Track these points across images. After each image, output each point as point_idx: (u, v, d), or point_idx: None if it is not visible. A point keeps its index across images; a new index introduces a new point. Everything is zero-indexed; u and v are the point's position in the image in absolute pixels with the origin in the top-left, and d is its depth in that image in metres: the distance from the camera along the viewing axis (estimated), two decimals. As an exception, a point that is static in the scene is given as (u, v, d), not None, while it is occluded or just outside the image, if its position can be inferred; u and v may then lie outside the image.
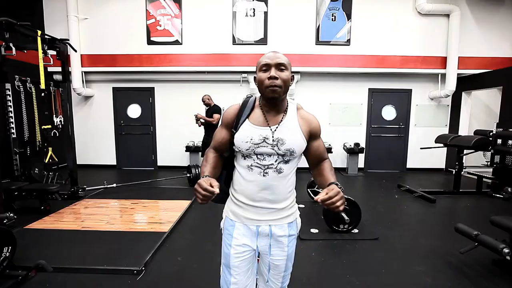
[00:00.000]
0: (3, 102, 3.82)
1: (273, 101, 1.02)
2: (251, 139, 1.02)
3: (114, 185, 4.33)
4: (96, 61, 5.74)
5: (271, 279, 1.15)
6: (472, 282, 2.02)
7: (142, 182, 4.70)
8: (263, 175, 1.03)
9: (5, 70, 3.80)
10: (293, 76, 1.04)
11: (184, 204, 3.63)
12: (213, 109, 4.60)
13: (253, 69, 6.37)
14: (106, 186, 4.25)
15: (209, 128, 4.61)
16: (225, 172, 1.16)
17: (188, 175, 4.73)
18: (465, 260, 2.30)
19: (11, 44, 2.93)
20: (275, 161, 1.03)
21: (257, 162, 1.03)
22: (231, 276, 1.10)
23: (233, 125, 1.07)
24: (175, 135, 6.00)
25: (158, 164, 6.21)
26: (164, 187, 4.71)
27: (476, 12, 5.56)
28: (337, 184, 0.98)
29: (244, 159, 1.05)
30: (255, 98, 1.11)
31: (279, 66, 0.99)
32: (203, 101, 4.66)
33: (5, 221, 2.70)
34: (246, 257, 1.11)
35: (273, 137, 1.01)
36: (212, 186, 0.92)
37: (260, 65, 1.01)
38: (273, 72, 0.97)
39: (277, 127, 1.03)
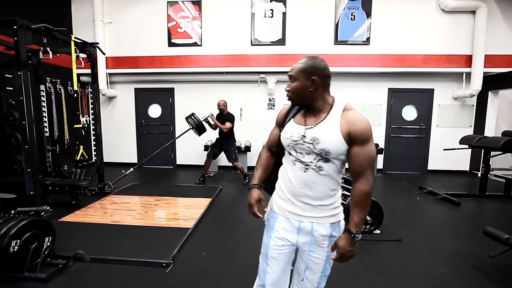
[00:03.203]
0: (37, 102, 4.07)
1: (304, 105, 1.13)
2: (291, 136, 1.10)
3: (131, 169, 4.38)
4: (120, 63, 5.98)
5: (308, 278, 1.15)
6: (501, 285, 1.97)
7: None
8: (304, 171, 1.07)
9: (40, 73, 4.05)
10: (313, 79, 1.04)
11: (205, 202, 3.73)
12: (226, 117, 4.60)
13: (271, 69, 6.33)
14: (125, 173, 4.30)
15: (222, 133, 4.67)
16: (275, 166, 1.26)
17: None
18: (493, 263, 2.24)
19: (48, 49, 3.12)
20: (314, 159, 1.06)
21: (299, 158, 1.09)
22: (268, 266, 1.15)
23: (282, 124, 1.18)
24: (194, 135, 6.09)
25: (177, 162, 6.37)
26: (185, 185, 4.85)
27: (504, 8, 5.33)
28: (352, 234, 1.00)
29: (289, 154, 1.13)
30: None
31: (290, 79, 1.10)
32: (218, 105, 4.63)
33: (42, 214, 2.89)
34: (285, 251, 1.13)
35: (309, 135, 1.06)
36: (259, 201, 1.20)
37: None
38: (287, 86, 1.12)
39: (312, 127, 1.07)
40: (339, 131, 1.03)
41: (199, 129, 4.50)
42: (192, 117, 4.45)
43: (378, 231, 2.81)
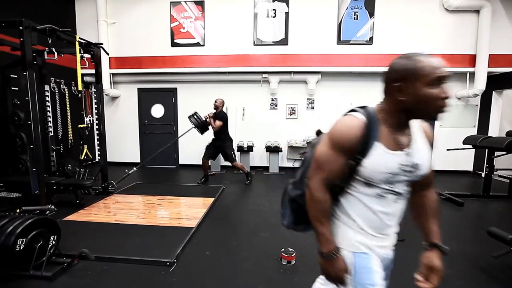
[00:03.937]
0: (42, 102, 4.11)
1: (408, 119, 0.85)
2: (388, 168, 0.83)
3: (134, 168, 4.52)
4: (123, 63, 6.01)
5: None
6: (505, 286, 1.97)
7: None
8: (396, 202, 0.90)
9: (44, 73, 4.09)
10: None
11: (208, 201, 3.75)
12: (217, 115, 4.52)
13: (274, 69, 6.31)
14: (128, 172, 4.41)
15: (216, 133, 4.61)
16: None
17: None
18: (496, 264, 2.23)
19: (53, 49, 3.15)
20: (406, 187, 0.91)
21: (392, 190, 0.87)
22: None
23: (359, 150, 0.83)
24: (196, 134, 6.11)
25: (180, 162, 6.40)
26: (187, 184, 4.86)
27: (508, 7, 5.29)
28: (440, 249, 0.94)
29: (369, 187, 0.87)
30: (373, 111, 0.88)
31: (446, 79, 0.78)
32: (215, 102, 4.56)
33: (47, 213, 2.93)
34: None
35: (410, 162, 0.85)
36: (346, 271, 0.91)
37: (433, 77, 0.76)
38: (448, 90, 0.77)
39: (410, 151, 0.86)
40: (429, 150, 0.90)
41: (202, 127, 4.53)
42: (195, 116, 4.49)
43: (381, 231, 2.81)
